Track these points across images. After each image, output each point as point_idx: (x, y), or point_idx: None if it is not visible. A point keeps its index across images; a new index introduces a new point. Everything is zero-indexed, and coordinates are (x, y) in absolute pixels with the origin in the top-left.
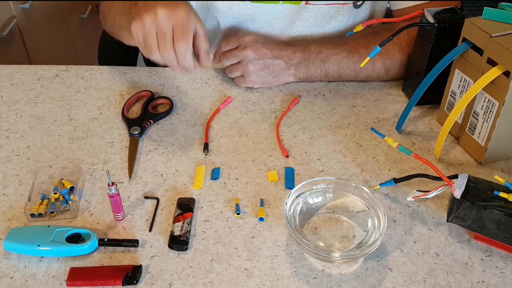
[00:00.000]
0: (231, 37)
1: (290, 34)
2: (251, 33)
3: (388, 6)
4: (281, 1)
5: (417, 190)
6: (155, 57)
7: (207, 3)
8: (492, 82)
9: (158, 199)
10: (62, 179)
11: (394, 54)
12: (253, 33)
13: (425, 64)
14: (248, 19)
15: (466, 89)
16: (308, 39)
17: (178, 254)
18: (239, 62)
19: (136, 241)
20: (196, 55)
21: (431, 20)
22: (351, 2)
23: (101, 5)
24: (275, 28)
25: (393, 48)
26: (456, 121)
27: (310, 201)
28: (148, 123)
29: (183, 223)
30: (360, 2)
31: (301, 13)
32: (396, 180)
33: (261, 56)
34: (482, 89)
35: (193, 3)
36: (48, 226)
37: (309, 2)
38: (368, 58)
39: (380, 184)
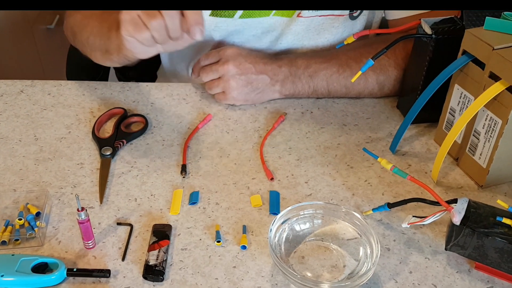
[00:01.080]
0: (210, 51)
1: (278, 47)
2: (233, 46)
3: (383, 15)
4: (271, 14)
5: (413, 216)
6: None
7: None
8: (494, 98)
9: (131, 226)
10: (28, 203)
11: (389, 69)
12: (235, 45)
13: (421, 79)
14: (234, 34)
15: (467, 106)
16: (297, 52)
17: (154, 285)
18: (219, 77)
19: (108, 271)
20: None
21: (428, 31)
22: (347, 14)
23: (69, 22)
24: (263, 42)
25: (388, 63)
26: (455, 140)
27: (297, 227)
28: (121, 143)
29: (158, 251)
30: (357, 13)
31: (292, 26)
32: (390, 205)
33: (244, 71)
34: (484, 106)
35: None
36: (13, 255)
37: (301, 14)
38: (360, 73)
39: (373, 209)
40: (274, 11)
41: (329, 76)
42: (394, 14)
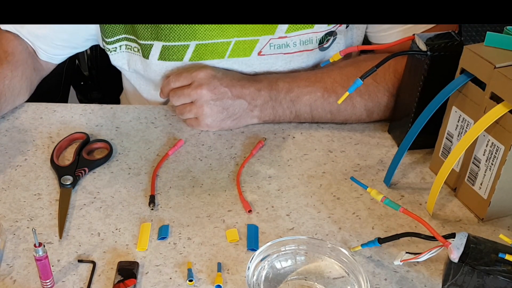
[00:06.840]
0: (181, 71)
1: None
2: (206, 67)
3: (367, 31)
4: (226, 56)
5: (406, 252)
6: None
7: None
8: (496, 122)
9: (94, 263)
10: None
11: (378, 95)
12: (209, 67)
13: (415, 101)
14: None
15: (465, 131)
16: (277, 73)
17: None
18: (192, 102)
19: None
20: None
21: (423, 47)
22: (316, 47)
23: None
24: None
25: (377, 89)
26: (453, 169)
27: (278, 265)
28: (83, 171)
29: None
30: (328, 43)
31: (255, 64)
32: (381, 240)
33: (219, 96)
34: (485, 130)
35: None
36: None
37: (262, 53)
38: (347, 93)
39: (362, 245)
40: (228, 53)
41: (313, 102)
42: (381, 38)
